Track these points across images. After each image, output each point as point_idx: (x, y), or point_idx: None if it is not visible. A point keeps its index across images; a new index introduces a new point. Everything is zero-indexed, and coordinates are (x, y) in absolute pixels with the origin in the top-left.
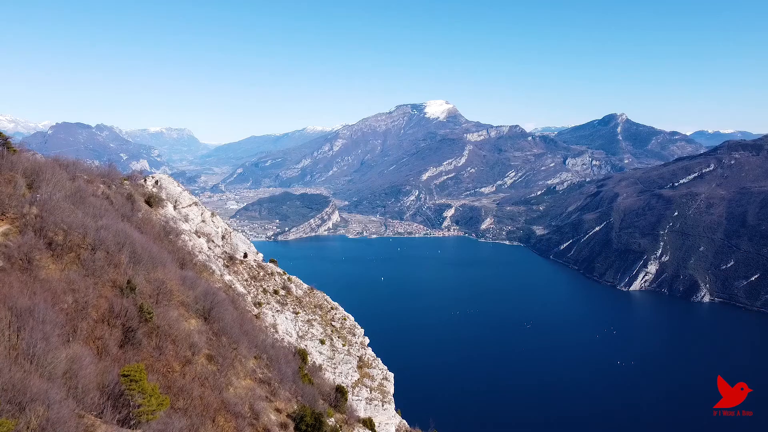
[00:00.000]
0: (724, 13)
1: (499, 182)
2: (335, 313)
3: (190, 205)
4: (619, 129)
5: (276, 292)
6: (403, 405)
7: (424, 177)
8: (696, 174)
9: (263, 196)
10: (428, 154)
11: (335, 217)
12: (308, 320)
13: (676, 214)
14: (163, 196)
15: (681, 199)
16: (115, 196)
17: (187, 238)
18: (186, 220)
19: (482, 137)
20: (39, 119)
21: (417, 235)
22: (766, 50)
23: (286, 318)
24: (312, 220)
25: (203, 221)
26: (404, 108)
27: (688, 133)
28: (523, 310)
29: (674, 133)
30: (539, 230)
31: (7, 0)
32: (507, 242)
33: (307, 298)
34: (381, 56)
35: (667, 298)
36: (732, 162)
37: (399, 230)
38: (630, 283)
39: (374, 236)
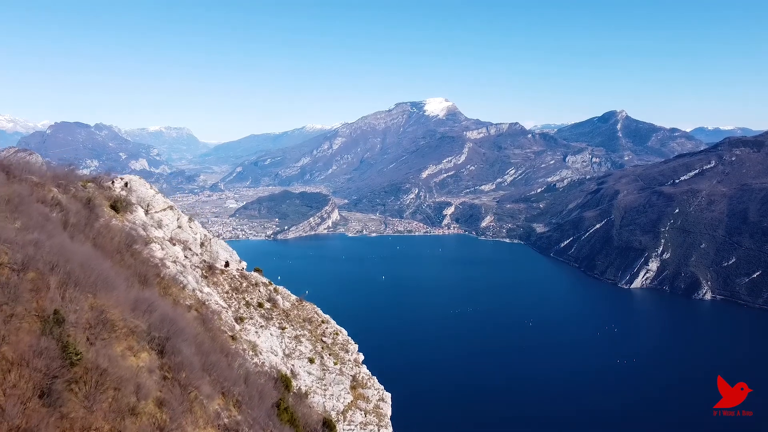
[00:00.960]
0: (722, 11)
1: (498, 180)
2: (326, 328)
3: (164, 210)
4: (618, 126)
5: (260, 305)
6: (402, 426)
7: (424, 175)
8: (697, 171)
9: (263, 194)
10: (428, 152)
11: (335, 215)
12: (296, 336)
13: (677, 211)
14: (133, 200)
15: (682, 196)
16: (71, 202)
17: (157, 247)
18: (159, 226)
19: (482, 135)
20: (38, 119)
21: (417, 234)
22: (765, 48)
23: (271, 334)
24: (311, 219)
25: (179, 227)
26: (404, 106)
27: (687, 130)
28: (524, 308)
29: (674, 129)
30: (539, 228)
31: (5, 0)
32: (507, 240)
33: (295, 311)
34: (380, 54)
35: (669, 296)
36: (733, 158)
37: (399, 228)
38: (631, 281)
39: (374, 234)
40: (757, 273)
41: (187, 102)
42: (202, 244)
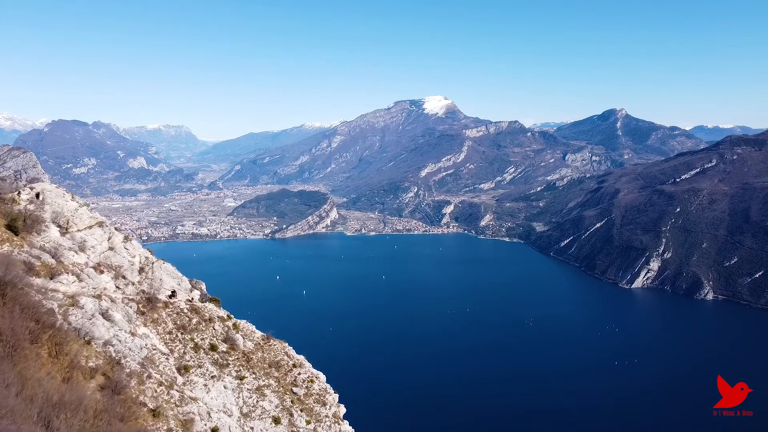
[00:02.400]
0: (721, 10)
1: (498, 178)
2: (298, 373)
3: (90, 227)
4: (618, 124)
5: (213, 347)
6: None
7: (423, 173)
8: (698, 169)
9: (261, 193)
10: (427, 150)
11: (333, 214)
12: (258, 388)
13: (678, 210)
14: (46, 216)
15: (683, 195)
16: None
17: (70, 279)
18: (82, 249)
19: (481, 133)
20: (36, 117)
21: (416, 232)
22: (764, 47)
23: (225, 387)
24: (310, 218)
25: (111, 249)
26: (402, 104)
27: (687, 128)
28: (524, 307)
29: (674, 128)
30: (539, 227)
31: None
32: (507, 239)
33: (260, 354)
34: (379, 52)
35: (670, 296)
36: (734, 157)
37: (398, 227)
38: (632, 281)
39: (372, 233)
40: (760, 273)
41: (186, 100)
42: (141, 270)
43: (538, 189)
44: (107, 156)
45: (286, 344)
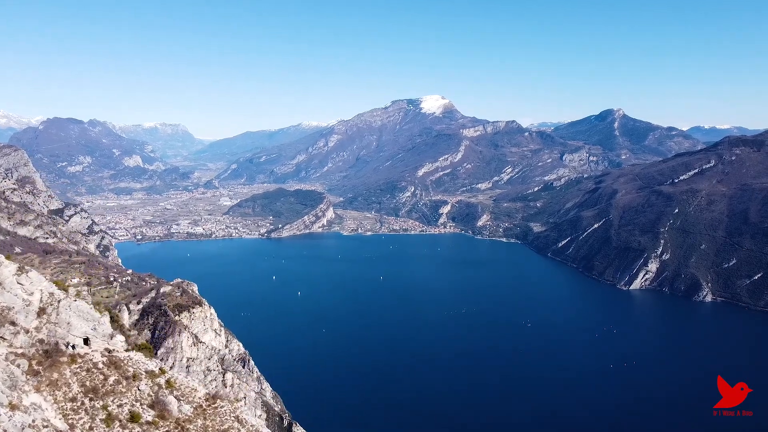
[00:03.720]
0: (719, 10)
1: (495, 178)
2: None
3: None
4: (616, 124)
5: (134, 417)
6: None
7: (420, 173)
8: (696, 170)
9: (257, 192)
10: (424, 149)
11: (330, 213)
12: None
13: (676, 211)
14: None
15: (681, 196)
16: None
17: None
18: None
19: (478, 133)
20: (32, 115)
21: (413, 232)
22: (761, 47)
23: None
24: (306, 217)
25: None
26: (400, 103)
27: (684, 129)
28: (521, 309)
29: (671, 128)
30: (537, 227)
31: None
32: (504, 239)
33: (200, 421)
34: (377, 51)
35: (668, 298)
36: (733, 158)
37: (394, 227)
38: (630, 282)
39: (369, 233)
40: (759, 275)
41: (183, 98)
42: (41, 312)
43: (536, 189)
44: (103, 154)
45: (239, 404)
